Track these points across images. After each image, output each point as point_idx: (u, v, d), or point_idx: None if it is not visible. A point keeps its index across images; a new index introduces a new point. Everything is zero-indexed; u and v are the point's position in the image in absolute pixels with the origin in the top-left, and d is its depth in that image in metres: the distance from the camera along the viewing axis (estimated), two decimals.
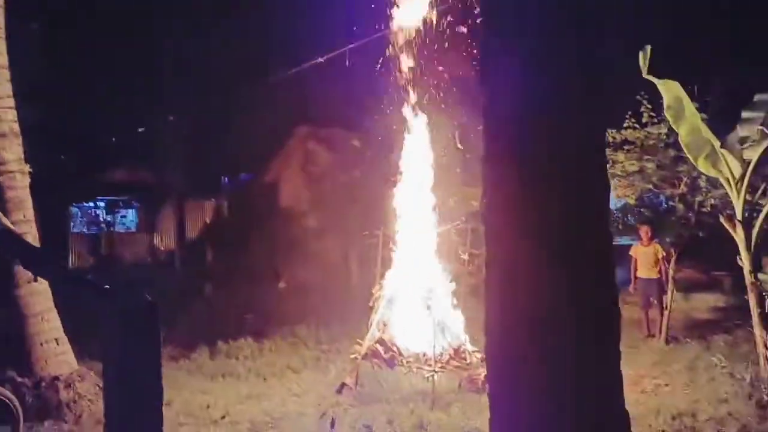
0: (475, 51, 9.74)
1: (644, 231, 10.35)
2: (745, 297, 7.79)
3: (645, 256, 10.32)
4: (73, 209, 19.86)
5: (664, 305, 10.01)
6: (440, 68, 8.81)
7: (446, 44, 8.73)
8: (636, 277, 10.43)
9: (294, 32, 15.60)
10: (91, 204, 20.68)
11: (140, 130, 10.19)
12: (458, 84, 9.56)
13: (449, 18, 8.67)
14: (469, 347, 8.15)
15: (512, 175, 3.15)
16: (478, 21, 3.35)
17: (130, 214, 20.80)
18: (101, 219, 20.69)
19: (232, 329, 11.04)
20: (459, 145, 10.46)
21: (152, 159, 17.89)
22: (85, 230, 20.10)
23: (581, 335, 3.07)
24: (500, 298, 3.21)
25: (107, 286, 3.20)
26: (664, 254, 10.17)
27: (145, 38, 16.65)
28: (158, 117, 16.09)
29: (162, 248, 19.34)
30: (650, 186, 10.07)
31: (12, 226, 6.64)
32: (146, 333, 3.10)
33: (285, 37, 15.97)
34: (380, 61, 8.95)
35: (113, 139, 11.33)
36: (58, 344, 7.13)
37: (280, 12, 15.75)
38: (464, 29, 8.53)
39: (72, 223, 19.56)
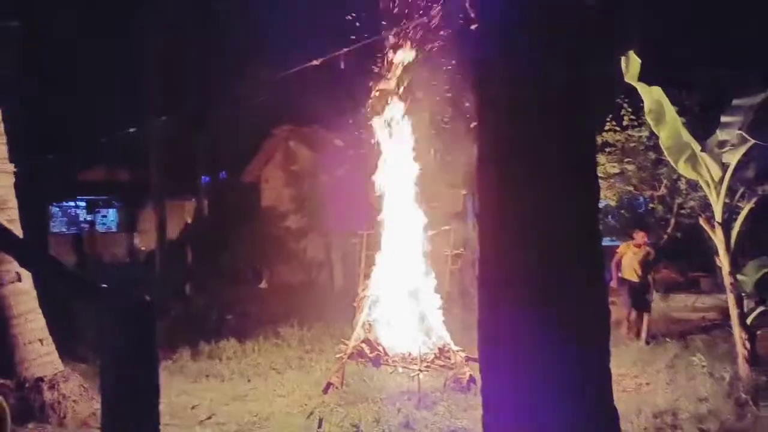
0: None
1: (640, 236, 10.09)
2: (723, 297, 7.92)
3: (634, 255, 10.07)
4: (53, 209, 19.63)
5: (648, 308, 10.06)
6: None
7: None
8: (620, 277, 10.20)
9: (276, 31, 15.56)
10: (72, 204, 20.45)
11: (131, 130, 10.04)
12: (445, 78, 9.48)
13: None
14: (454, 347, 8.20)
15: (507, 175, 3.16)
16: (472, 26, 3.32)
17: (111, 214, 20.60)
18: (81, 219, 20.46)
19: (213, 330, 11.00)
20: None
21: (133, 159, 17.75)
22: (64, 230, 19.88)
23: (574, 335, 3.12)
24: (493, 298, 3.24)
25: (104, 285, 3.21)
26: (653, 258, 10.08)
27: (126, 37, 16.52)
28: (139, 116, 15.97)
29: (143, 248, 19.19)
30: (631, 188, 10.21)
31: (4, 223, 6.56)
32: (143, 331, 3.11)
33: (267, 36, 15.92)
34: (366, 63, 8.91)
35: (102, 140, 11.18)
36: (42, 345, 7.04)
37: (262, 11, 15.72)
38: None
39: (52, 223, 19.34)
